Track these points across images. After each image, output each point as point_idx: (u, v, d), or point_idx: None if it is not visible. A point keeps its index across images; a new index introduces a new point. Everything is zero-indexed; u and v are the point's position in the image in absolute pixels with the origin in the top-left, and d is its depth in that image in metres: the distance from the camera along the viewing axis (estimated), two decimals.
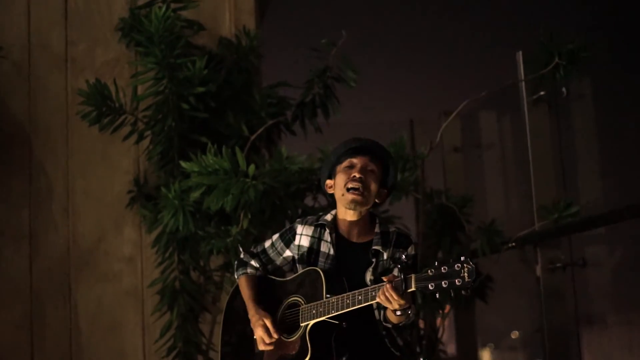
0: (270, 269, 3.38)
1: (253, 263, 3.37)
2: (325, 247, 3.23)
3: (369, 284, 3.12)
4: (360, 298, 2.99)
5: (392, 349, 3.18)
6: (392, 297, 2.89)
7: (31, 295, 4.57)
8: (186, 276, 4.43)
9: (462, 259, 2.81)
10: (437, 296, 2.88)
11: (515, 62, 4.74)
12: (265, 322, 3.19)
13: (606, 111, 5.14)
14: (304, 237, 3.28)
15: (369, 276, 3.15)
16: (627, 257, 4.94)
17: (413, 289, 2.88)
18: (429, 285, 2.84)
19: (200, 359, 4.43)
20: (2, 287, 4.57)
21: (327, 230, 3.24)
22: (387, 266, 3.16)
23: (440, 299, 4.57)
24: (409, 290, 2.89)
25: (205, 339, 4.45)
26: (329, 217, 3.27)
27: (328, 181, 3.28)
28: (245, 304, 3.31)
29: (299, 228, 3.30)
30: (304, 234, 3.28)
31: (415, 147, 5.67)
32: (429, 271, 2.85)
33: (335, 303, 3.04)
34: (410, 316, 3.02)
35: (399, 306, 2.92)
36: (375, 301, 2.96)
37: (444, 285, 2.81)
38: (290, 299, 3.24)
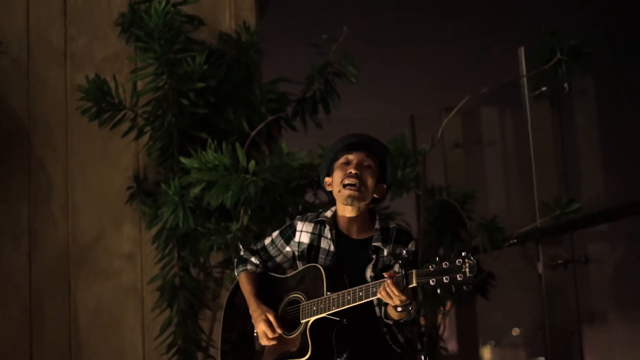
0: (270, 266, 3.36)
1: (253, 260, 3.36)
2: (325, 244, 3.22)
3: (369, 280, 3.11)
4: (361, 294, 2.98)
5: (392, 345, 3.17)
6: (393, 292, 2.88)
7: (30, 293, 4.56)
8: (186, 273, 4.42)
9: (464, 254, 2.80)
10: (439, 292, 2.87)
11: (517, 57, 4.73)
12: (269, 316, 3.18)
13: (608, 107, 5.13)
14: (304, 233, 3.26)
15: (369, 273, 3.14)
16: (629, 254, 4.94)
17: (414, 284, 2.87)
18: (430, 281, 2.83)
19: (200, 356, 4.42)
20: (1, 285, 4.55)
21: (327, 227, 3.23)
22: (387, 263, 3.14)
23: (441, 295, 4.56)
24: (410, 286, 2.88)
25: (205, 336, 4.44)
26: (328, 213, 3.26)
27: (327, 179, 3.28)
28: (246, 300, 3.30)
29: (299, 225, 3.29)
30: (304, 230, 3.27)
31: (416, 143, 5.68)
32: (430, 267, 2.84)
33: (336, 299, 3.03)
34: (411, 312, 3.01)
35: (399, 302, 2.91)
36: (376, 297, 2.95)
37: (445, 281, 2.80)
38: (291, 295, 3.23)
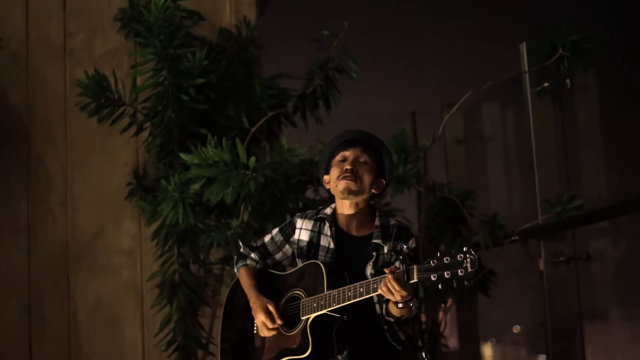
0: (270, 263, 3.36)
1: (253, 256, 3.36)
2: (325, 241, 3.21)
3: (369, 277, 3.10)
4: (362, 290, 2.97)
5: (393, 343, 3.15)
6: (394, 288, 2.87)
7: (29, 289, 4.55)
8: (186, 269, 4.41)
9: (465, 249, 2.79)
10: (440, 287, 2.86)
11: (519, 53, 4.72)
12: (269, 307, 3.17)
13: (610, 103, 5.12)
14: (303, 231, 3.26)
15: (369, 270, 3.13)
16: (632, 251, 4.93)
17: (415, 280, 2.86)
18: (432, 276, 2.82)
19: (200, 353, 4.41)
20: (0, 281, 4.54)
21: (326, 224, 3.23)
22: (387, 260, 3.13)
23: (442, 292, 4.55)
24: (411, 281, 2.87)
25: (205, 333, 4.43)
26: (328, 210, 3.26)
27: (325, 176, 3.28)
28: (246, 293, 3.29)
29: (299, 222, 3.29)
30: (304, 228, 3.27)
31: (418, 139, 5.67)
32: (431, 262, 2.83)
33: (337, 296, 3.03)
34: (412, 309, 3.00)
35: (401, 298, 2.90)
36: (376, 293, 2.95)
37: (446, 276, 2.79)
38: (291, 292, 3.22)
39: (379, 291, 2.92)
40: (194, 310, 4.41)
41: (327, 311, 3.05)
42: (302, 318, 3.12)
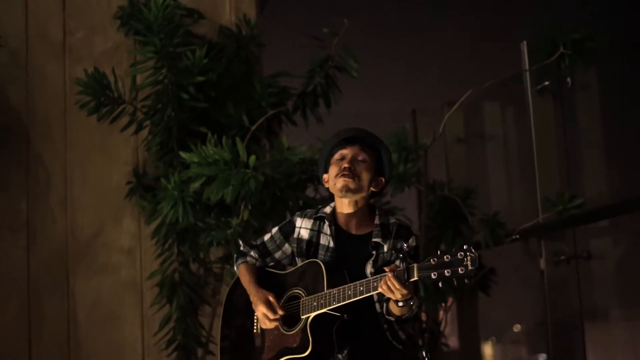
0: (269, 261, 3.35)
1: (252, 253, 3.35)
2: (324, 240, 3.21)
3: (370, 276, 3.08)
4: (362, 289, 2.97)
5: (393, 342, 3.14)
6: (394, 286, 2.86)
7: (29, 288, 4.54)
8: (186, 268, 4.40)
9: (465, 247, 2.79)
10: (440, 285, 2.85)
11: (520, 52, 4.71)
12: (269, 298, 3.16)
13: (611, 102, 5.11)
14: (303, 230, 3.26)
15: (369, 269, 3.12)
16: (632, 249, 4.92)
17: (415, 278, 2.86)
18: (432, 274, 2.82)
19: (199, 352, 4.40)
20: (0, 279, 4.52)
21: (326, 223, 3.22)
22: (387, 259, 3.12)
23: (442, 291, 4.55)
24: (411, 280, 2.87)
25: (205, 332, 4.43)
26: (328, 209, 3.25)
27: (324, 176, 3.27)
28: (246, 289, 3.28)
29: (298, 221, 3.28)
30: (303, 226, 3.26)
31: (418, 138, 5.66)
32: (431, 260, 2.83)
33: (337, 295, 3.02)
34: (413, 308, 3.00)
35: (401, 296, 2.89)
36: (377, 291, 2.94)
37: (446, 274, 2.79)
38: (291, 291, 3.21)
39: (379, 289, 2.91)
40: (194, 309, 4.40)
41: (327, 310, 3.04)
42: (302, 317, 3.11)
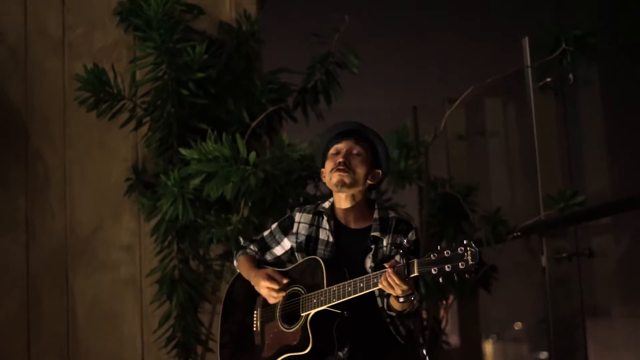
0: (269, 257, 3.36)
1: (252, 247, 3.38)
2: (324, 235, 3.21)
3: (369, 270, 3.10)
4: (362, 285, 2.97)
5: (397, 336, 3.13)
6: (394, 282, 2.86)
7: (28, 285, 4.53)
8: (185, 265, 4.40)
9: (465, 242, 2.79)
10: (440, 280, 2.84)
11: (522, 48, 4.70)
12: (269, 272, 3.17)
13: (613, 98, 5.10)
14: (302, 225, 3.27)
15: (369, 263, 3.13)
16: (634, 247, 4.91)
17: (416, 273, 2.85)
18: (432, 270, 2.81)
19: (199, 349, 4.39)
20: None
21: (324, 218, 3.23)
22: (387, 253, 3.13)
23: (443, 288, 4.54)
24: (411, 275, 2.86)
25: (205, 329, 4.42)
26: (326, 204, 3.26)
27: (322, 170, 3.28)
28: (246, 277, 3.28)
29: (297, 216, 3.29)
30: (302, 222, 3.27)
31: (419, 135, 5.65)
32: (431, 255, 2.83)
33: (337, 291, 3.01)
34: (413, 303, 2.99)
35: (401, 292, 2.89)
36: (377, 288, 2.93)
37: (447, 269, 2.79)
38: (291, 289, 3.20)
39: (380, 286, 2.91)
40: (194, 307, 4.39)
41: (327, 307, 3.03)
42: (302, 314, 3.10)
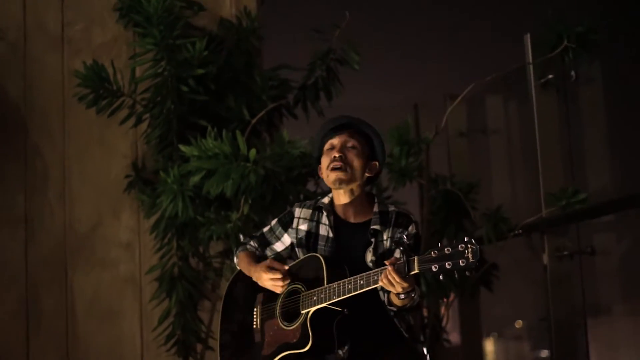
0: (269, 252, 3.35)
1: (252, 243, 3.37)
2: (324, 230, 3.20)
3: (370, 264, 3.10)
4: (362, 282, 2.96)
5: (401, 329, 3.13)
6: (394, 279, 2.85)
7: (26, 282, 4.53)
8: (185, 263, 4.39)
9: (466, 239, 2.78)
10: (441, 278, 2.84)
11: (523, 44, 4.68)
12: (268, 262, 3.17)
13: (616, 95, 5.09)
14: (302, 220, 3.26)
15: (369, 257, 3.12)
16: (637, 245, 4.90)
17: (416, 271, 2.84)
18: (433, 267, 2.80)
19: (199, 347, 4.39)
20: None
21: (324, 213, 3.22)
22: (387, 247, 3.12)
23: (444, 284, 4.53)
24: (412, 273, 2.85)
25: (205, 327, 4.41)
26: (326, 199, 3.26)
27: (319, 166, 3.27)
28: (246, 272, 3.27)
29: (297, 211, 3.29)
30: (302, 217, 3.26)
31: (420, 132, 5.64)
32: (432, 252, 2.82)
33: (337, 289, 3.00)
34: (414, 298, 2.98)
35: (402, 289, 2.88)
36: (377, 285, 2.92)
37: (447, 267, 2.78)
38: (291, 286, 3.19)
39: (380, 283, 2.90)
40: (193, 304, 4.39)
41: (327, 304, 3.02)
42: (302, 312, 3.09)
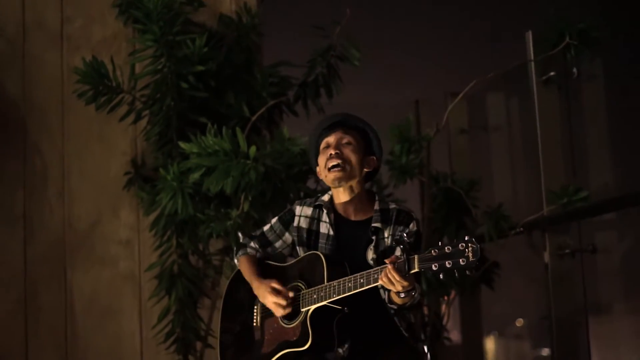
0: (270, 252, 3.34)
1: (252, 244, 3.35)
2: (324, 228, 3.20)
3: (371, 262, 3.09)
4: (362, 281, 2.95)
5: (400, 328, 3.12)
6: (394, 278, 2.84)
7: (25, 279, 4.51)
8: (185, 260, 4.37)
9: (466, 238, 2.77)
10: (441, 277, 2.83)
11: (525, 41, 4.68)
12: (273, 285, 3.13)
13: (617, 93, 5.08)
14: (302, 218, 3.25)
15: (370, 255, 3.11)
16: (638, 243, 4.90)
17: (416, 269, 2.84)
18: (433, 266, 2.79)
19: (198, 345, 4.37)
20: None
21: (324, 211, 3.21)
22: (388, 244, 3.11)
23: (445, 283, 4.53)
24: (412, 271, 2.84)
25: (204, 325, 4.40)
26: (326, 197, 3.26)
27: (317, 169, 3.26)
28: (249, 282, 3.26)
29: (297, 209, 3.28)
30: (303, 215, 3.26)
31: (421, 129, 5.65)
32: (432, 251, 2.81)
33: (337, 287, 3.00)
34: (415, 297, 2.97)
35: (402, 288, 2.87)
36: (377, 284, 2.91)
37: (447, 266, 2.77)
38: (291, 284, 3.18)
39: (380, 282, 2.89)
40: (193, 302, 4.37)
41: (327, 302, 3.01)
42: (302, 310, 3.08)
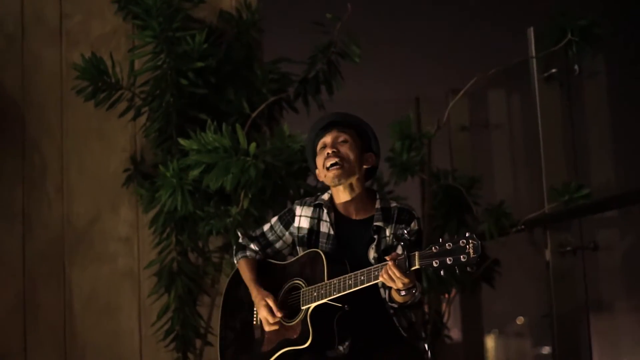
0: (270, 252, 3.33)
1: (252, 246, 3.33)
2: (325, 228, 3.19)
3: (372, 261, 3.08)
4: (363, 278, 2.94)
5: (399, 328, 3.11)
6: (395, 275, 2.84)
7: (24, 276, 4.51)
8: (184, 257, 4.37)
9: (467, 234, 2.77)
10: (442, 273, 2.82)
11: (526, 38, 4.67)
12: (268, 301, 3.14)
13: (619, 90, 5.07)
14: (303, 218, 3.24)
15: (372, 254, 3.11)
16: None
17: (417, 266, 2.84)
18: (433, 262, 2.79)
19: (198, 342, 4.37)
20: None
21: (325, 210, 3.20)
22: (390, 243, 3.11)
23: (445, 282, 4.51)
24: (413, 268, 2.84)
25: (204, 322, 4.40)
26: (326, 196, 3.25)
27: (317, 171, 3.25)
28: (247, 286, 3.26)
29: (298, 209, 3.27)
30: (303, 215, 3.25)
31: (422, 126, 5.63)
32: (432, 248, 2.81)
33: (337, 285, 2.99)
34: (415, 295, 2.97)
35: (402, 285, 2.87)
36: (378, 281, 2.91)
37: (448, 262, 2.77)
38: (291, 282, 3.18)
39: (380, 279, 2.88)
40: (193, 299, 4.37)
41: (328, 300, 3.01)
42: (302, 308, 3.08)
